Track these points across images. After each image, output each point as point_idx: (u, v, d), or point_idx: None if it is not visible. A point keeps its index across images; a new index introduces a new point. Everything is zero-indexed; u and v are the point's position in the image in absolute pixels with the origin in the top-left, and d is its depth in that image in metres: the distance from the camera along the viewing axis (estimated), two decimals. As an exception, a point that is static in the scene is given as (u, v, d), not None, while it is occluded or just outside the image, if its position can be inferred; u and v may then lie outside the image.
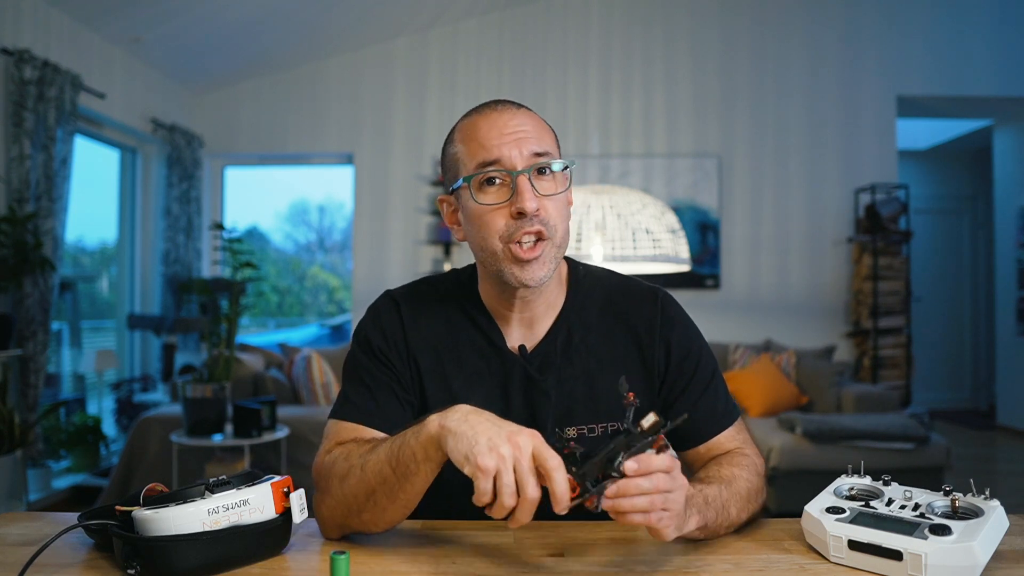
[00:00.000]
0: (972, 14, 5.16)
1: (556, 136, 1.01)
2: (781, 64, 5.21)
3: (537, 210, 0.91)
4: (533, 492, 0.72)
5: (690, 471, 1.02)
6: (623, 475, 0.73)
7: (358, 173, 5.26)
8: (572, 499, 0.73)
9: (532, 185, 0.91)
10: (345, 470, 0.87)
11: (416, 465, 0.81)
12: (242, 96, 5.27)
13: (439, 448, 0.78)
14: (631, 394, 0.77)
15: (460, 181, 0.95)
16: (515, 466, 0.72)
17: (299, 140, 5.29)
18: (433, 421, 0.79)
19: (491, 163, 0.92)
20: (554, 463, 0.72)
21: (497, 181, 0.92)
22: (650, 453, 0.74)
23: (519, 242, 0.91)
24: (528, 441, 0.74)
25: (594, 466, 0.74)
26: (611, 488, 0.73)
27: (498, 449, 0.73)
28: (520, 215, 0.90)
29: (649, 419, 0.74)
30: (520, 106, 0.97)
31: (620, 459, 0.73)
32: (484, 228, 0.93)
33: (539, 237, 0.92)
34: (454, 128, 0.99)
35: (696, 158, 5.17)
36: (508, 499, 0.72)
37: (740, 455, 1.00)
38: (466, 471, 0.74)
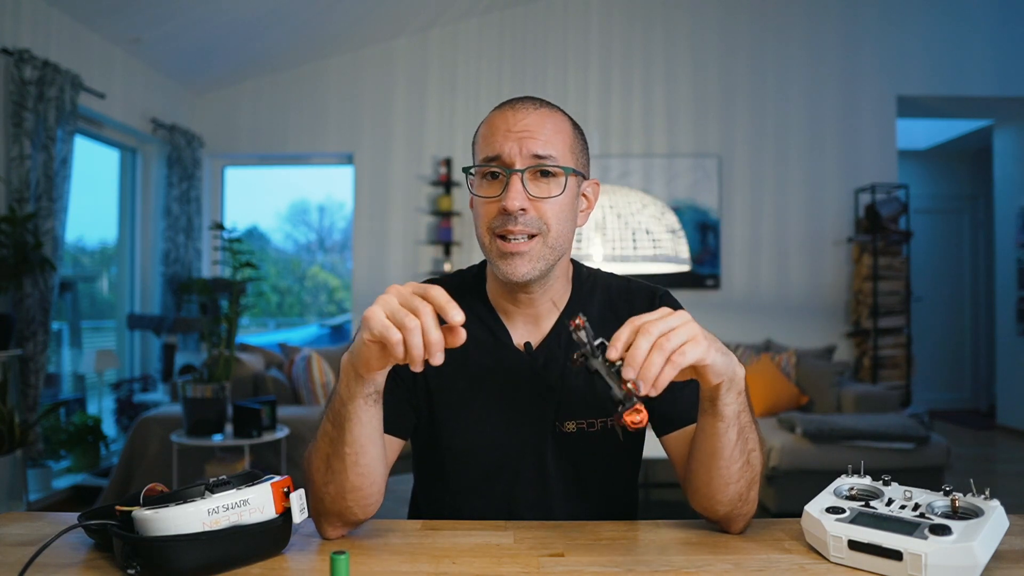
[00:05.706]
0: (972, 14, 5.16)
1: (580, 137, 1.00)
2: (781, 64, 5.21)
3: (523, 210, 0.92)
4: (420, 304, 0.74)
5: (671, 459, 1.01)
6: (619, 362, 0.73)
7: (358, 173, 5.26)
8: (620, 416, 0.71)
9: (524, 185, 0.93)
10: (311, 451, 0.90)
11: (345, 408, 0.83)
12: (242, 96, 5.27)
13: (353, 371, 0.81)
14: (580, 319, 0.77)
15: (467, 170, 0.99)
16: (398, 299, 0.75)
17: (299, 140, 5.29)
18: (343, 357, 0.84)
19: (493, 158, 0.94)
20: (432, 287, 0.76)
21: (497, 175, 0.95)
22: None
23: (504, 236, 0.94)
24: (405, 285, 0.78)
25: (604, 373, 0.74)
26: (626, 371, 0.71)
27: (377, 304, 0.76)
28: (505, 212, 0.93)
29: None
30: (542, 106, 0.97)
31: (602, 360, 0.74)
32: (477, 218, 0.98)
33: (528, 235, 0.94)
34: (487, 115, 1.00)
35: (696, 158, 5.17)
36: (404, 318, 0.73)
37: None
38: (367, 339, 0.75)
